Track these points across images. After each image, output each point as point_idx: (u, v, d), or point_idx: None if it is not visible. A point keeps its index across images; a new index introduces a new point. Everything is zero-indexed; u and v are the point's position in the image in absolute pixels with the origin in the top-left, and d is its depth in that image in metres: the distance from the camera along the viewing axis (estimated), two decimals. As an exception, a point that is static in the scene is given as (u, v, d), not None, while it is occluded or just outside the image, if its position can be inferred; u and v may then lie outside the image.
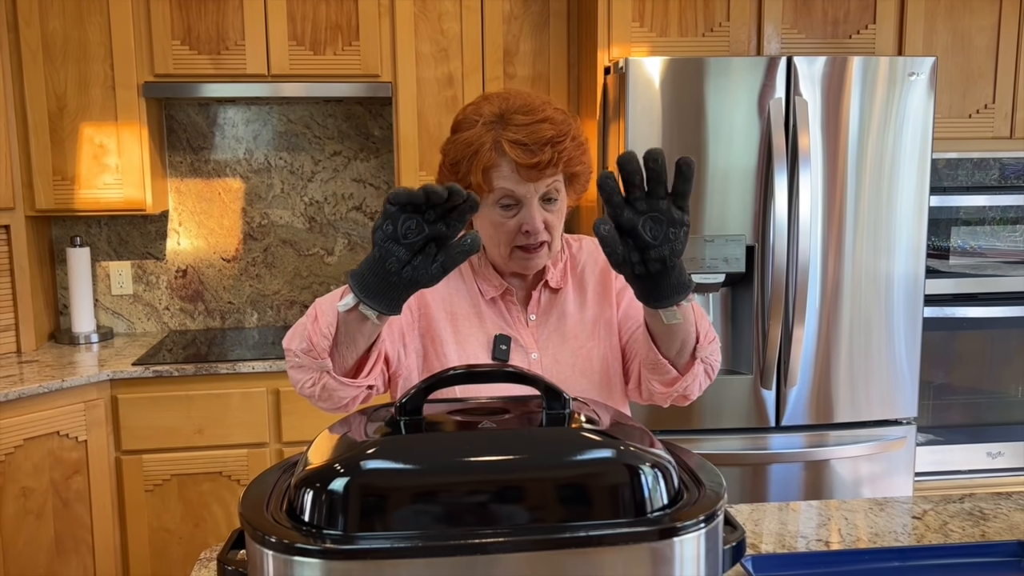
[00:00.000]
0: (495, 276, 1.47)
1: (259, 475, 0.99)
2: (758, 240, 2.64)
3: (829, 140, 2.64)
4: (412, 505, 0.85)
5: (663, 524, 0.86)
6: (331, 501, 0.84)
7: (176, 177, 3.40)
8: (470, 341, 1.44)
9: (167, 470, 2.87)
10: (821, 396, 2.74)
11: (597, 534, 0.84)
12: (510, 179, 1.35)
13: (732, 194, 2.62)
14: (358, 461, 0.88)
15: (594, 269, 1.53)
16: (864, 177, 2.67)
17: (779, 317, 2.62)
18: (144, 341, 3.26)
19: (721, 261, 2.60)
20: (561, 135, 1.34)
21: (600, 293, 1.51)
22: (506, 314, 1.47)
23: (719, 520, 0.89)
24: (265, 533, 0.83)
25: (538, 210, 1.37)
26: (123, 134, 3.01)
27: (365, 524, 0.83)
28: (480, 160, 1.35)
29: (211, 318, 3.49)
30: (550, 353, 1.46)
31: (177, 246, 3.43)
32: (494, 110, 1.37)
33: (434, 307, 1.45)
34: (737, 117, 2.59)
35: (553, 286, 1.49)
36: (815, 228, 2.65)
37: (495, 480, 0.87)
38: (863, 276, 2.71)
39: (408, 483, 0.86)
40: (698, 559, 0.86)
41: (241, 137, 3.41)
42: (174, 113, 3.36)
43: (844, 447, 2.76)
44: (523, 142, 1.33)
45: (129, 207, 3.05)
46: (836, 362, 2.73)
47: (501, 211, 1.38)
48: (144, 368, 2.82)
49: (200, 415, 2.86)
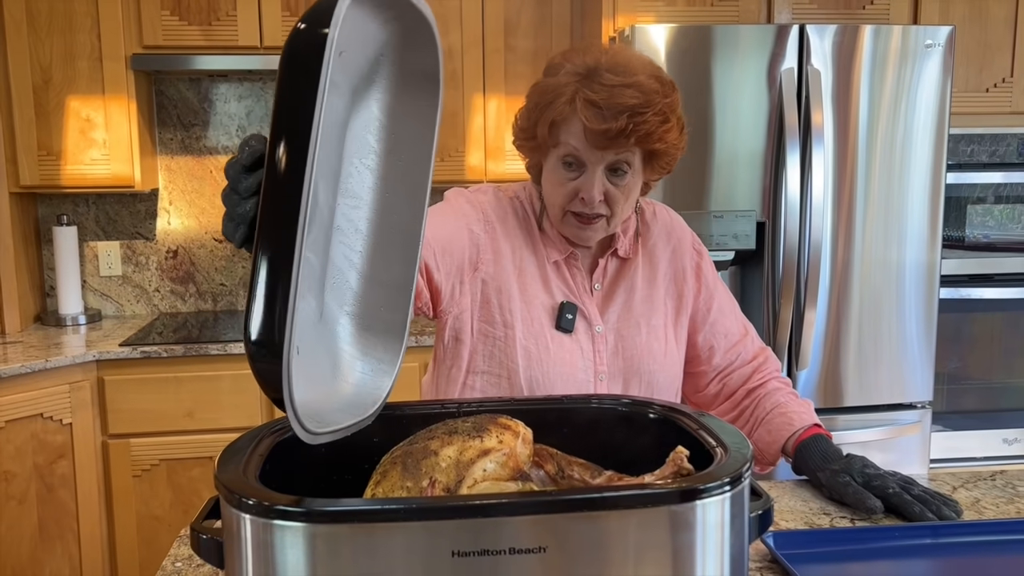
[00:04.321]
0: (560, 239, 1.39)
1: (235, 440, 0.94)
2: (769, 216, 2.57)
3: (840, 112, 2.57)
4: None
5: (684, 485, 0.79)
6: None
7: (166, 155, 3.34)
8: (535, 303, 1.37)
9: (156, 455, 2.81)
10: (831, 379, 2.69)
11: (610, 495, 0.78)
12: (578, 139, 1.26)
13: (741, 168, 2.55)
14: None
15: (666, 247, 1.46)
16: (875, 151, 2.60)
17: (790, 297, 2.57)
18: (133, 323, 3.20)
19: (730, 238, 2.53)
20: (644, 106, 1.23)
21: (671, 277, 1.45)
22: (570, 280, 1.40)
23: (745, 484, 0.83)
24: (242, 495, 0.77)
25: (600, 180, 1.28)
26: (111, 108, 2.94)
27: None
28: (552, 111, 1.27)
29: (203, 300, 3.43)
30: (615, 327, 1.40)
31: (168, 226, 3.37)
32: (586, 62, 1.27)
33: (505, 258, 1.37)
34: (746, 87, 2.52)
35: (622, 255, 1.42)
36: (827, 205, 2.58)
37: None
38: (874, 255, 2.65)
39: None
40: (722, 526, 0.80)
41: (233, 114, 3.35)
42: (164, 88, 3.29)
43: (855, 431, 2.70)
44: (598, 104, 1.23)
45: (117, 184, 2.99)
46: (846, 343, 2.68)
47: (563, 169, 1.30)
48: (132, 349, 2.76)
49: (190, 398, 2.80)
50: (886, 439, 2.72)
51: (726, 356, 1.47)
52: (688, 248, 1.47)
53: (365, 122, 0.92)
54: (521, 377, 1.33)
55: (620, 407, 1.07)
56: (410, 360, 2.85)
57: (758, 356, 1.49)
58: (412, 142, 0.94)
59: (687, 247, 1.47)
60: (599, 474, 1.00)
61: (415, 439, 0.94)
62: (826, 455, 1.32)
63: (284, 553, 0.74)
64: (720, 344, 1.47)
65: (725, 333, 1.47)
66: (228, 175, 0.78)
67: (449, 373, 1.39)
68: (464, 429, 0.92)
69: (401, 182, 0.94)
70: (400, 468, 0.89)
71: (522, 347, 1.34)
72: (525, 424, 0.97)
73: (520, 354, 1.34)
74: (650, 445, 1.02)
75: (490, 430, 0.92)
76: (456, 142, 3.11)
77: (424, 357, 2.87)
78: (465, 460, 0.89)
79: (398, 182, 0.94)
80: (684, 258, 1.46)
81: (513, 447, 0.92)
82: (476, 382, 1.36)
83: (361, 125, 0.92)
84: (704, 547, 0.78)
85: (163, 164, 3.34)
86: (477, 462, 0.89)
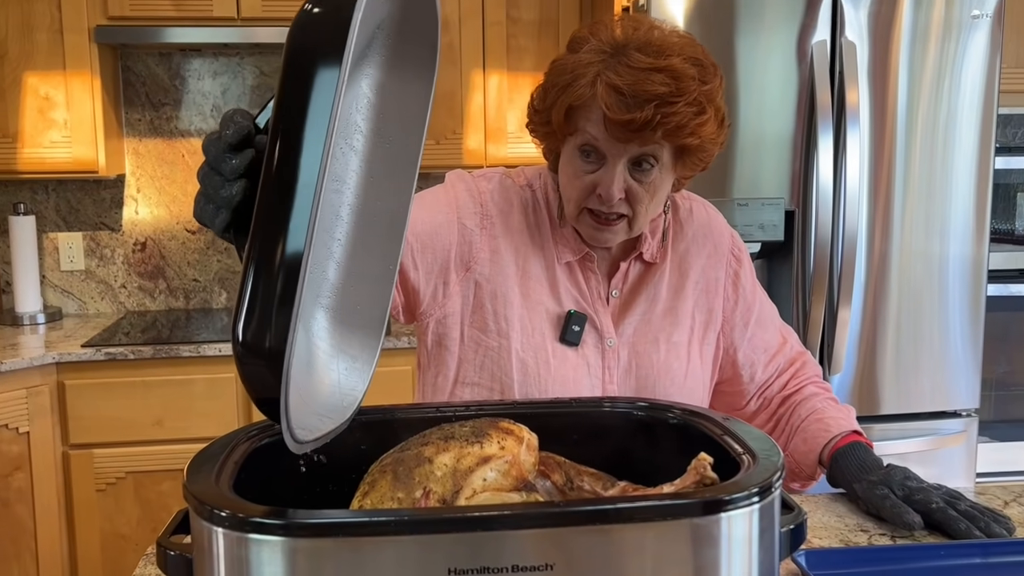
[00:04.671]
0: (573, 236, 1.35)
1: (207, 446, 0.94)
2: (798, 205, 2.56)
3: (877, 89, 2.56)
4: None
5: (708, 496, 0.78)
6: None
7: (134, 137, 3.33)
8: (538, 311, 1.33)
9: (121, 467, 2.81)
10: (867, 384, 2.68)
11: (625, 506, 0.77)
12: (597, 127, 1.21)
13: (767, 151, 2.54)
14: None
15: (700, 252, 1.42)
16: (916, 133, 2.59)
17: (822, 295, 2.56)
18: (97, 322, 3.19)
19: (756, 228, 2.52)
20: (675, 95, 1.17)
21: (703, 287, 1.41)
22: (583, 285, 1.36)
23: (775, 495, 0.82)
24: (214, 506, 0.76)
25: (621, 175, 1.23)
26: (72, 85, 2.93)
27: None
28: (570, 94, 1.21)
29: (173, 297, 3.43)
30: (629, 341, 1.36)
31: (135, 215, 3.36)
32: (614, 37, 1.22)
33: (505, 258, 1.34)
34: (773, 61, 2.51)
35: (647, 259, 1.38)
36: (863, 192, 2.57)
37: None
38: (915, 248, 2.64)
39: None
40: (750, 541, 0.79)
41: (208, 92, 3.34)
42: (131, 64, 3.29)
43: (893, 442, 2.69)
44: (621, 90, 1.17)
45: (79, 169, 2.98)
46: (884, 345, 2.67)
47: (581, 159, 1.25)
48: (95, 350, 2.75)
49: (159, 404, 2.79)
50: (927, 451, 2.70)
51: (766, 370, 1.46)
52: (725, 254, 1.44)
53: (353, 99, 0.91)
54: (516, 393, 1.31)
55: (636, 411, 1.07)
56: (403, 364, 2.85)
57: (795, 361, 1.48)
58: (401, 123, 0.93)
59: (724, 253, 1.44)
60: (612, 485, 0.99)
61: (407, 445, 0.93)
62: (864, 465, 1.31)
63: (261, 570, 0.73)
64: (760, 359, 1.45)
65: (764, 347, 1.45)
66: (209, 153, 0.77)
67: (435, 382, 1.37)
68: (462, 434, 0.91)
69: (387, 166, 0.93)
70: (391, 477, 0.88)
71: (518, 360, 1.31)
72: (529, 429, 0.96)
73: (515, 368, 1.31)
74: (669, 454, 1.01)
75: (491, 435, 0.91)
76: (453, 123, 3.10)
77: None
78: (463, 468, 0.88)
79: (384, 166, 0.93)
80: (720, 266, 1.42)
81: (516, 454, 0.91)
82: (464, 394, 1.34)
83: (348, 103, 0.91)
84: (729, 565, 0.77)
85: (130, 147, 3.33)
86: (476, 470, 0.88)
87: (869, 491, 1.27)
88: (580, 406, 1.10)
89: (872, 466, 1.31)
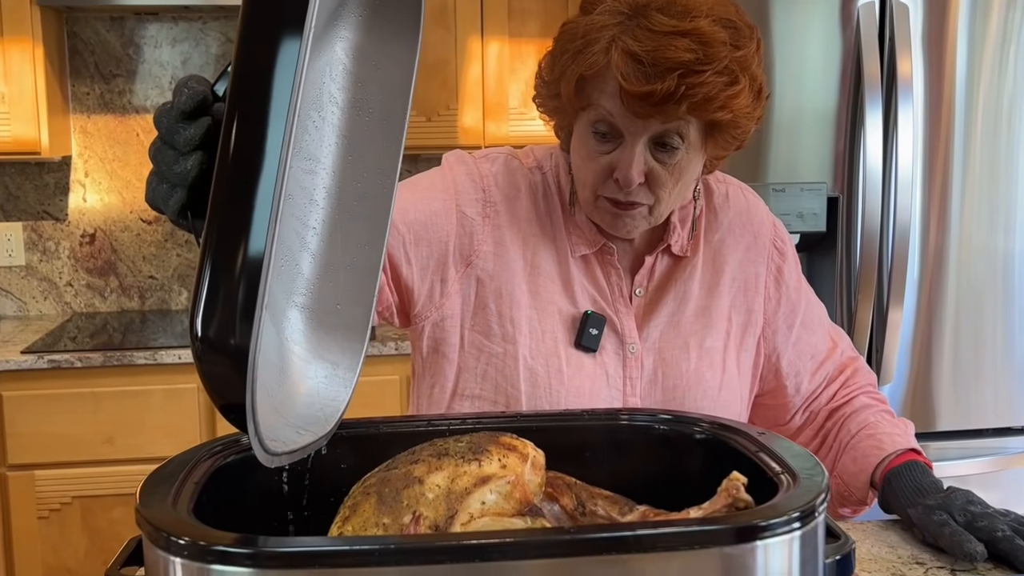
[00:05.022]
0: (589, 225, 1.34)
1: (163, 464, 0.94)
2: (843, 191, 2.57)
3: (932, 59, 2.57)
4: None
5: (741, 521, 0.79)
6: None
7: (82, 113, 3.33)
8: (549, 312, 1.33)
9: (67, 491, 2.80)
10: (921, 397, 2.68)
11: (646, 533, 0.77)
12: (612, 101, 1.19)
13: (807, 129, 2.55)
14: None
15: (737, 243, 1.41)
16: (976, 109, 2.60)
17: (870, 294, 2.56)
18: (39, 326, 3.19)
19: (794, 217, 2.53)
20: (702, 62, 1.15)
21: (741, 284, 1.40)
22: (601, 281, 1.36)
23: (819, 520, 0.82)
24: (171, 533, 0.76)
25: (641, 156, 1.21)
26: (10, 54, 2.93)
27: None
28: (581, 62, 1.20)
29: (127, 297, 3.42)
30: (655, 347, 1.36)
31: (83, 203, 3.36)
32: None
33: (511, 251, 1.33)
34: (813, 26, 2.52)
35: (676, 252, 1.38)
36: (916, 176, 2.57)
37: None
38: (975, 241, 2.65)
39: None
40: (789, 573, 0.79)
41: (166, 62, 3.35)
42: (78, 30, 3.29)
43: (950, 463, 2.69)
44: (640, 57, 1.15)
45: (19, 150, 2.98)
46: (940, 352, 2.67)
47: (595, 140, 1.24)
48: (37, 357, 2.75)
49: (110, 419, 2.79)
50: (990, 472, 2.70)
51: (814, 379, 1.46)
52: (767, 246, 1.43)
53: (326, 66, 0.91)
54: (523, 406, 1.31)
55: (658, 425, 1.07)
56: (389, 372, 2.85)
57: (846, 368, 1.47)
58: (383, 93, 0.93)
59: (766, 245, 1.42)
60: (630, 510, 0.99)
61: (394, 464, 0.93)
62: (920, 487, 1.30)
63: (225, 607, 0.72)
64: (807, 367, 1.45)
65: (812, 353, 1.45)
66: (161, 125, 0.78)
67: (431, 393, 1.37)
68: (457, 451, 0.91)
69: (368, 143, 0.93)
70: (375, 500, 0.87)
71: (526, 368, 1.31)
72: (535, 445, 0.96)
73: (523, 377, 1.31)
74: (696, 475, 1.01)
75: (490, 452, 0.91)
76: (447, 97, 3.10)
77: (407, 368, 2.85)
78: (458, 490, 0.88)
79: (365, 143, 0.93)
80: (761, 261, 1.42)
81: (520, 473, 0.90)
82: (464, 407, 1.34)
83: (321, 69, 0.91)
84: (766, 601, 0.77)
85: (77, 125, 3.33)
86: (474, 492, 0.88)
87: (926, 517, 1.27)
88: (593, 419, 1.09)
89: (930, 489, 1.30)
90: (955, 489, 1.30)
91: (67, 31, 3.28)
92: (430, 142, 3.05)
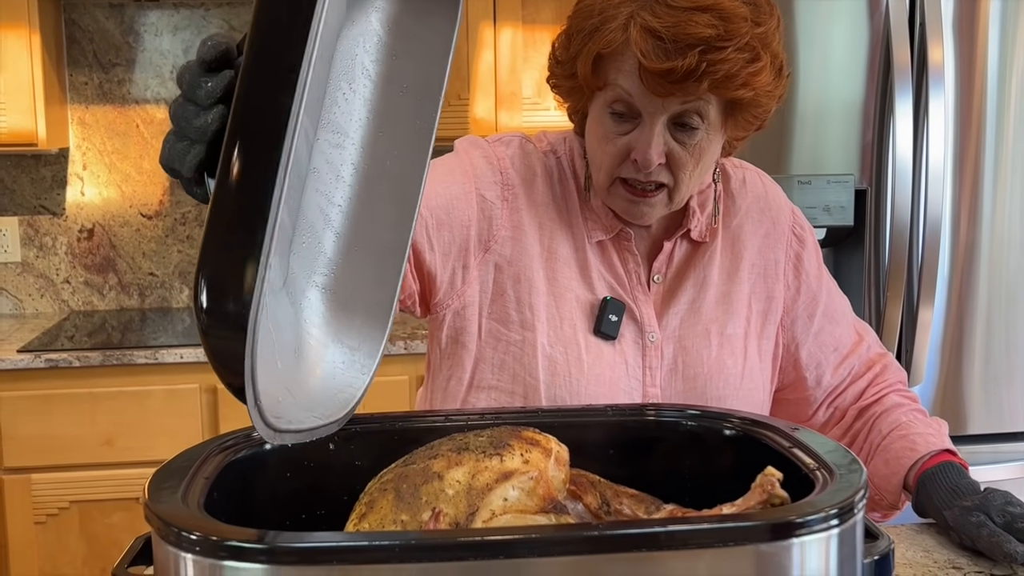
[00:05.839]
0: (605, 210, 1.36)
1: (172, 459, 0.94)
2: (871, 183, 2.57)
3: (964, 46, 2.56)
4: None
5: (776, 518, 0.79)
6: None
7: (80, 103, 3.34)
8: (567, 298, 1.34)
9: (65, 495, 2.81)
10: (952, 398, 2.68)
11: (676, 529, 0.77)
12: (631, 79, 1.21)
13: (833, 119, 2.54)
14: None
15: (756, 228, 1.42)
16: (1010, 98, 2.59)
17: (899, 290, 2.55)
18: (35, 324, 3.20)
19: (820, 211, 2.52)
20: (723, 38, 1.16)
21: (760, 270, 1.42)
22: (618, 268, 1.37)
23: (858, 518, 0.82)
24: (182, 529, 0.76)
25: (660, 136, 1.23)
26: (6, 42, 2.94)
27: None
28: (597, 40, 1.22)
29: (126, 294, 3.43)
30: (675, 335, 1.37)
31: (81, 197, 3.37)
32: None
33: (529, 235, 1.34)
34: (839, 11, 2.51)
35: (695, 237, 1.39)
36: (947, 168, 2.57)
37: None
38: (1010, 236, 2.64)
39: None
40: (827, 573, 0.79)
41: (167, 51, 3.35)
42: (77, 17, 3.30)
43: (983, 467, 2.67)
44: (660, 34, 1.16)
45: (15, 141, 2.99)
46: (971, 352, 2.67)
47: (611, 120, 1.26)
48: (33, 356, 2.75)
49: (110, 421, 2.79)
50: (1022, 478, 2.69)
51: (837, 373, 1.46)
52: (785, 231, 1.44)
53: (360, 35, 0.91)
54: (542, 396, 1.31)
55: (686, 421, 1.07)
56: (398, 372, 2.84)
57: (875, 365, 1.47)
58: (419, 68, 0.93)
59: (784, 231, 1.44)
60: (657, 509, 0.99)
61: (412, 459, 0.93)
62: (957, 489, 1.30)
63: (238, 605, 0.73)
64: (829, 359, 1.45)
65: (835, 346, 1.45)
66: (183, 81, 0.78)
67: (447, 387, 1.38)
68: (478, 445, 0.91)
69: (400, 119, 0.93)
70: (393, 496, 0.87)
71: (545, 356, 1.32)
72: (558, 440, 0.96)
73: (542, 366, 1.32)
74: (726, 473, 1.02)
75: (512, 447, 0.91)
76: (458, 86, 3.10)
77: (416, 368, 2.85)
78: (479, 486, 0.88)
79: (396, 119, 0.93)
80: (779, 246, 1.43)
81: (543, 469, 0.90)
82: (480, 400, 1.35)
83: (354, 39, 0.91)
84: (802, 602, 0.77)
85: (75, 116, 3.34)
86: (495, 488, 0.87)
87: (962, 519, 1.26)
88: (618, 414, 1.09)
89: (967, 490, 1.30)
90: (993, 490, 1.30)
91: (65, 18, 3.28)
92: (440, 133, 2.97)
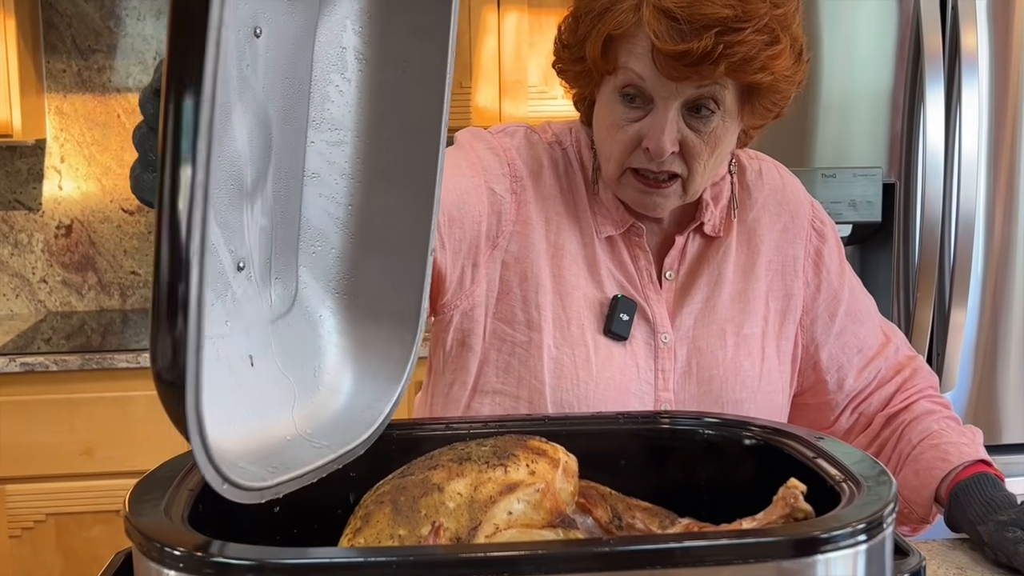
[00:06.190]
0: (615, 203, 1.36)
1: (154, 469, 0.96)
2: (900, 177, 2.57)
3: (999, 33, 2.57)
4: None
5: (800, 533, 0.79)
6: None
7: (57, 92, 3.35)
8: (574, 297, 1.34)
9: (41, 507, 2.82)
10: (986, 405, 2.69)
11: (694, 545, 0.77)
12: (643, 63, 1.22)
13: (860, 109, 2.55)
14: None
15: (774, 222, 1.43)
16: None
17: (930, 291, 2.56)
18: (10, 326, 3.21)
19: (846, 206, 2.52)
20: (741, 19, 1.17)
21: (778, 266, 1.42)
22: (628, 265, 1.37)
23: (887, 533, 0.82)
24: (165, 544, 0.76)
25: (674, 122, 1.23)
26: (-20, 26, 2.94)
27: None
28: (607, 21, 1.22)
29: (106, 295, 3.44)
30: (689, 335, 1.37)
31: (58, 191, 3.38)
32: None
33: (536, 231, 1.35)
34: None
35: (709, 232, 1.39)
36: (981, 161, 2.57)
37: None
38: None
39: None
40: None
41: (150, 36, 3.36)
42: (54, 1, 3.30)
43: (1017, 479, 2.67)
44: (674, 14, 1.17)
45: (-11, 132, 3.00)
46: (1006, 356, 2.68)
47: (622, 104, 1.26)
48: (8, 360, 2.76)
49: (89, 428, 2.80)
50: (1062, 491, 2.70)
51: (861, 377, 1.46)
52: (804, 226, 1.44)
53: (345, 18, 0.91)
54: (548, 401, 1.32)
55: (703, 429, 1.07)
56: (395, 377, 2.84)
57: (903, 368, 1.47)
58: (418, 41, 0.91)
59: (803, 224, 1.44)
60: (672, 524, 0.99)
61: (410, 469, 0.93)
62: (992, 502, 1.30)
63: (225, 625, 0.72)
64: (852, 362, 1.45)
65: (859, 347, 1.45)
66: (147, 109, 0.79)
67: (449, 391, 1.38)
68: (480, 455, 0.91)
69: (404, 102, 0.92)
70: (390, 509, 0.87)
71: (551, 359, 1.32)
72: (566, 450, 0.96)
73: (548, 369, 1.32)
74: (746, 485, 1.01)
75: (517, 457, 0.91)
76: (460, 74, 3.10)
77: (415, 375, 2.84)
78: (482, 498, 0.87)
79: (400, 102, 0.92)
80: (798, 241, 1.43)
81: (550, 480, 0.90)
82: (483, 405, 1.35)
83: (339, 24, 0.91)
84: (827, 623, 0.77)
85: (52, 105, 3.35)
86: (499, 501, 0.87)
87: (998, 534, 1.26)
88: (630, 422, 1.09)
89: (1003, 504, 1.30)
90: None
91: (41, 2, 3.29)
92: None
